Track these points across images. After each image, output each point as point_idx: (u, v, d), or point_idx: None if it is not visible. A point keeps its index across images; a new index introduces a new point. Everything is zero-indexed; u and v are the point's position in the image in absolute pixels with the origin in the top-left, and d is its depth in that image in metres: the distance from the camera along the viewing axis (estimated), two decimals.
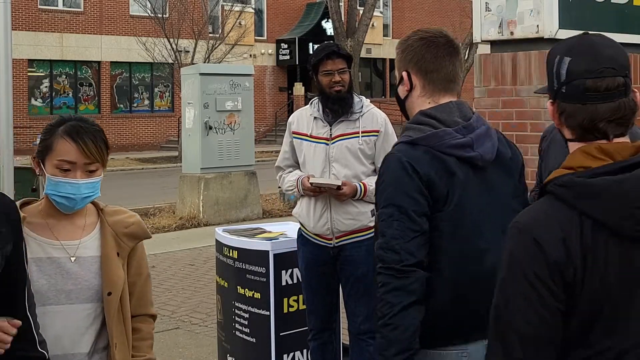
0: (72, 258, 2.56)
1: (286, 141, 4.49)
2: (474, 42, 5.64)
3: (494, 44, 5.21)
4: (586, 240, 1.71)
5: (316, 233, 4.29)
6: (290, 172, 4.42)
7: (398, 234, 2.36)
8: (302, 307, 4.63)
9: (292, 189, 4.35)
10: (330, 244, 4.27)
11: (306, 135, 4.35)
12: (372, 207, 4.15)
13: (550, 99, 1.87)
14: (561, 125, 1.88)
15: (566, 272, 1.71)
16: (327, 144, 4.28)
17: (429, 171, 2.38)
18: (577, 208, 1.73)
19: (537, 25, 4.88)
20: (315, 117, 4.33)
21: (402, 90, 2.58)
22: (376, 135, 4.25)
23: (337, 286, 4.41)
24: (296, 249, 4.52)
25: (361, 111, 4.28)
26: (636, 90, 1.86)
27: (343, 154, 4.24)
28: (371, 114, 4.29)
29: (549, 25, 4.85)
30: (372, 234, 4.07)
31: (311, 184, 4.17)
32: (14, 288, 2.25)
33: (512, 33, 5.01)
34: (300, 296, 4.62)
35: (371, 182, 4.13)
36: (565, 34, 4.91)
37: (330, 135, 4.28)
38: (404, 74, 2.55)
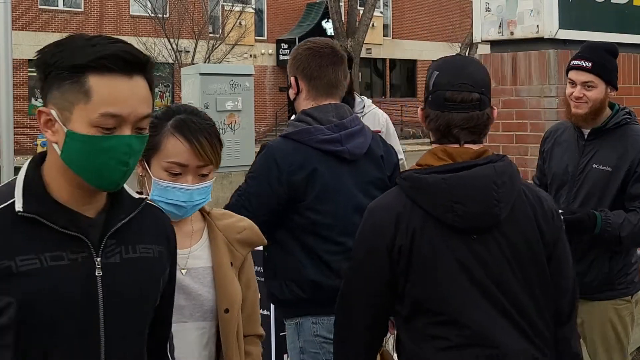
0: (182, 270, 2.18)
1: None
2: (474, 42, 5.64)
3: (494, 44, 5.21)
4: (415, 224, 2.06)
5: None
6: None
7: (265, 212, 2.82)
8: None
9: None
10: None
11: None
12: None
13: (421, 107, 2.21)
14: (428, 129, 2.18)
15: (393, 250, 2.07)
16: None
17: (292, 164, 2.78)
18: (410, 197, 2.08)
19: (537, 26, 4.88)
20: None
21: (291, 93, 2.99)
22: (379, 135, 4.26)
23: None
24: None
25: (362, 112, 4.26)
26: (495, 107, 2.17)
27: None
28: (373, 115, 4.28)
29: (549, 25, 4.85)
30: None
31: None
32: (168, 309, 1.89)
33: (512, 33, 5.01)
34: None
35: None
36: (565, 34, 4.92)
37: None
38: (292, 79, 2.96)
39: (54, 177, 1.63)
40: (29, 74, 28.87)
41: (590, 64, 3.36)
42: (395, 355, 2.39)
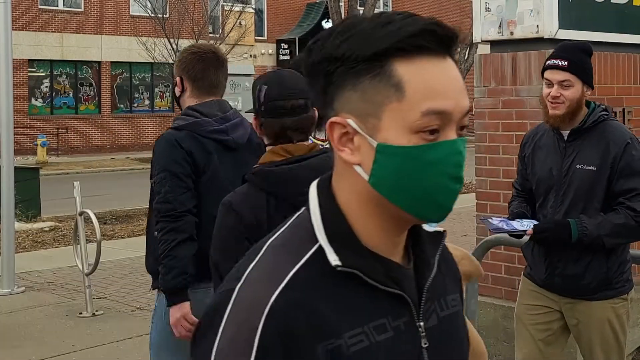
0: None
1: None
2: (474, 42, 5.63)
3: (494, 44, 5.21)
4: (270, 211, 2.41)
5: None
6: None
7: (170, 190, 3.09)
8: None
9: None
10: None
11: (316, 138, 4.45)
12: None
13: (255, 116, 2.55)
14: (262, 134, 2.55)
15: (256, 233, 2.30)
16: (322, 146, 4.34)
17: (190, 147, 3.12)
18: (264, 189, 2.43)
19: (537, 26, 4.88)
20: None
21: (177, 91, 3.36)
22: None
23: None
24: None
25: None
26: (316, 108, 2.29)
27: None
28: None
29: (549, 25, 4.85)
30: None
31: None
32: None
33: (512, 33, 5.01)
34: None
35: None
36: (565, 34, 4.91)
37: (325, 137, 4.31)
38: (178, 79, 3.33)
39: (360, 214, 1.20)
40: (29, 74, 28.87)
41: (566, 63, 3.35)
42: None
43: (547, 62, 3.40)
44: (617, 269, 3.42)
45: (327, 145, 4.50)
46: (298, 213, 1.26)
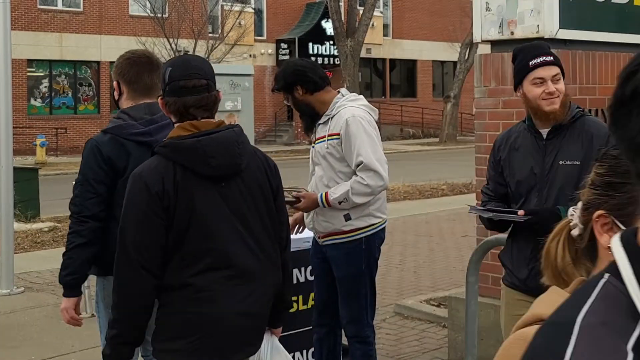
0: None
1: None
2: (474, 42, 5.62)
3: (494, 44, 5.19)
4: (177, 179, 2.67)
5: (309, 229, 4.42)
6: None
7: (79, 194, 3.39)
8: (302, 307, 4.62)
9: None
10: (320, 242, 4.33)
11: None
12: (346, 211, 4.16)
13: (160, 96, 2.79)
14: (168, 113, 2.80)
15: (164, 199, 2.66)
16: (313, 148, 4.35)
17: (110, 151, 3.39)
18: (171, 159, 2.69)
19: (538, 25, 4.86)
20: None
21: (116, 94, 3.65)
22: (338, 139, 4.14)
23: (334, 284, 4.42)
24: (296, 249, 4.53)
25: (331, 113, 4.21)
26: (220, 90, 2.84)
27: (317, 157, 4.27)
28: (338, 116, 4.16)
29: (550, 25, 4.83)
30: (351, 238, 4.08)
31: None
32: None
33: (512, 33, 4.99)
34: (301, 297, 4.63)
35: (335, 190, 4.12)
36: (566, 34, 4.90)
37: (315, 138, 4.34)
38: (115, 83, 3.62)
39: None
40: (27, 74, 28.85)
41: (552, 58, 3.40)
42: None
43: (534, 62, 3.38)
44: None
45: (321, 143, 4.43)
46: (601, 282, 1.03)
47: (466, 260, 4.83)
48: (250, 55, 32.84)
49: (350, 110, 4.15)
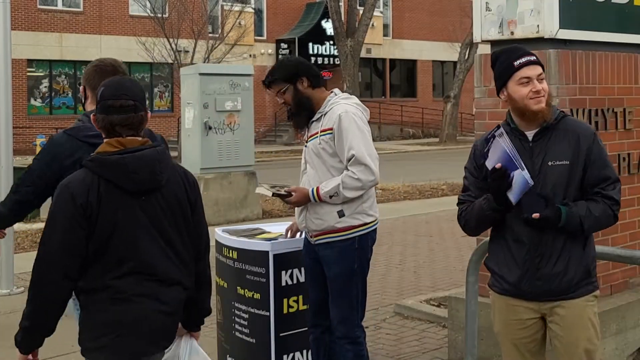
0: None
1: None
2: (474, 42, 5.61)
3: (494, 44, 5.19)
4: (101, 192, 2.92)
5: (301, 229, 4.42)
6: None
7: (22, 178, 3.84)
8: (302, 307, 4.62)
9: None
10: (312, 241, 4.32)
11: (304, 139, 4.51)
12: (339, 207, 4.17)
13: (93, 113, 3.08)
14: (98, 129, 3.07)
15: (87, 210, 2.92)
16: (306, 146, 4.36)
17: (64, 151, 3.73)
18: (97, 173, 2.94)
19: (538, 25, 4.86)
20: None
21: (82, 97, 4.03)
22: (331, 133, 4.18)
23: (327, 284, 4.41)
24: (296, 249, 4.54)
25: (324, 110, 4.25)
26: (147, 109, 3.10)
27: (310, 155, 4.29)
28: (331, 112, 4.22)
29: (550, 25, 4.83)
30: (344, 236, 4.08)
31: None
32: None
33: (512, 33, 4.99)
34: (301, 297, 4.62)
35: (326, 185, 4.15)
36: (566, 34, 4.90)
37: (307, 136, 4.35)
38: (82, 88, 4.01)
39: None
40: (27, 74, 28.85)
41: (535, 57, 3.40)
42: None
43: (519, 62, 3.38)
44: (592, 260, 3.43)
45: (314, 140, 4.38)
46: None
47: (466, 260, 4.82)
48: (250, 55, 32.84)
49: (343, 106, 4.22)
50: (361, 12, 27.80)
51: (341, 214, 4.17)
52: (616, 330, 4.88)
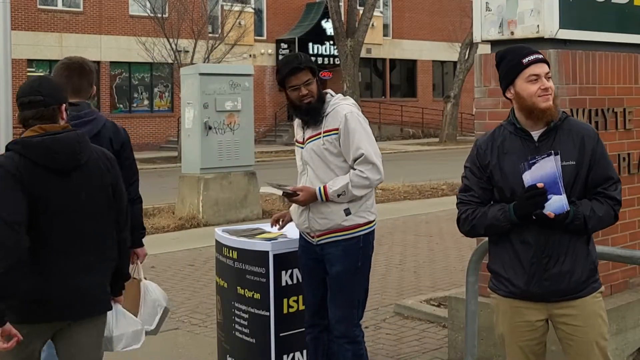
0: None
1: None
2: (474, 42, 5.62)
3: (494, 44, 5.19)
4: (28, 171, 3.25)
5: (302, 230, 4.39)
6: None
7: None
8: (302, 307, 4.62)
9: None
10: (314, 241, 4.31)
11: (296, 141, 4.48)
12: (346, 206, 4.19)
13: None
14: (18, 122, 3.46)
15: (19, 178, 3.23)
16: (302, 147, 4.35)
17: None
18: (22, 154, 3.27)
19: (538, 25, 4.86)
20: (299, 123, 4.43)
21: None
22: (337, 134, 4.20)
23: (326, 284, 4.41)
24: (296, 249, 4.53)
25: (325, 110, 4.26)
26: (64, 103, 3.48)
27: (311, 156, 4.29)
28: (335, 112, 4.24)
29: (550, 25, 4.83)
30: (350, 235, 4.08)
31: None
32: None
33: (512, 33, 4.99)
34: (300, 296, 4.62)
35: (334, 183, 4.17)
36: (566, 34, 4.90)
37: (304, 138, 4.34)
38: None
39: None
40: (28, 73, 28.84)
41: (542, 56, 3.40)
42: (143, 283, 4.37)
43: (527, 59, 3.37)
44: (596, 258, 3.46)
45: (316, 140, 4.32)
46: None
47: (466, 260, 4.83)
48: (250, 55, 32.83)
49: (346, 107, 4.27)
50: (361, 12, 27.80)
51: (347, 212, 4.20)
52: (616, 330, 4.88)
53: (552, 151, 3.27)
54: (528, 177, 3.26)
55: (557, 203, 3.23)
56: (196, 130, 12.34)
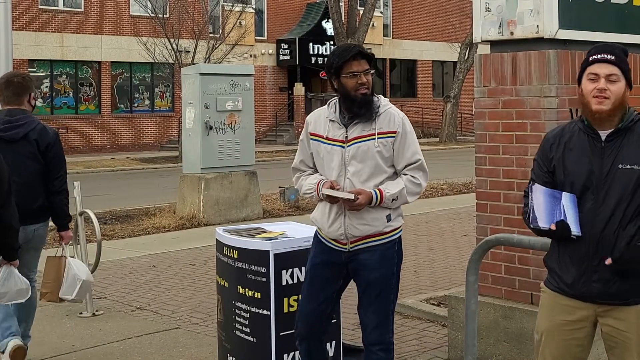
0: None
1: (303, 142, 4.28)
2: (473, 42, 5.63)
3: (494, 44, 5.20)
4: None
5: (332, 238, 4.14)
6: (310, 174, 4.25)
7: None
8: None
9: (311, 193, 4.16)
10: (345, 248, 4.11)
11: (322, 137, 4.13)
12: (388, 212, 4.05)
13: None
14: None
15: None
16: (343, 147, 4.06)
17: None
18: None
19: (537, 25, 4.88)
20: (331, 120, 4.12)
21: None
22: (393, 137, 4.06)
23: (338, 296, 4.32)
24: (296, 248, 4.52)
25: (377, 111, 4.08)
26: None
27: (359, 157, 4.04)
28: (388, 114, 4.08)
29: (549, 25, 4.84)
30: (386, 239, 4.01)
31: (326, 195, 4.03)
32: None
33: (512, 33, 5.01)
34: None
35: (389, 188, 4.01)
36: (565, 34, 4.91)
37: (346, 137, 4.08)
38: None
39: None
40: (29, 73, 28.84)
41: (613, 57, 3.29)
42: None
43: (593, 57, 3.32)
44: None
45: (368, 141, 4.15)
46: None
47: (466, 260, 4.84)
48: (250, 56, 32.83)
49: (399, 111, 4.16)
50: (361, 12, 27.81)
51: (389, 218, 4.07)
52: None
53: (530, 186, 3.36)
54: (542, 225, 3.30)
55: (568, 201, 3.26)
56: (197, 130, 12.36)
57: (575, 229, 3.25)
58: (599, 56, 3.31)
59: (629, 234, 3.23)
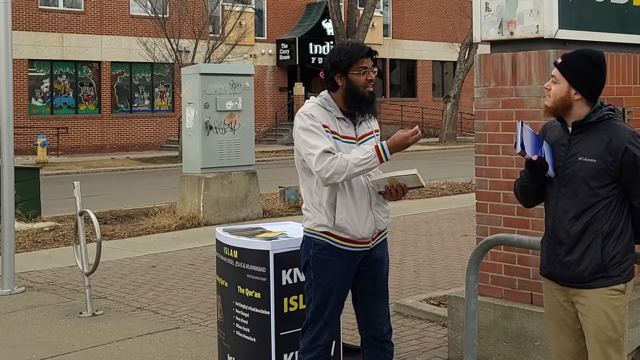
0: None
1: (318, 130, 3.95)
2: (473, 42, 5.63)
3: (494, 44, 5.21)
4: None
5: (363, 237, 4.02)
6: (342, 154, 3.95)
7: None
8: (302, 306, 4.62)
9: (368, 159, 3.88)
10: (368, 246, 4.07)
11: (337, 134, 4.01)
12: (389, 203, 4.15)
13: None
14: None
15: None
16: (356, 144, 4.03)
17: None
18: None
19: (537, 26, 4.88)
20: (338, 117, 4.03)
21: None
22: (379, 135, 4.25)
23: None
24: (296, 248, 4.50)
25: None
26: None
27: None
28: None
29: (549, 25, 4.85)
30: (387, 233, 4.19)
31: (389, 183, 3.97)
32: None
33: (512, 33, 5.01)
34: (301, 296, 4.62)
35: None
36: (565, 34, 4.91)
37: (357, 135, 4.08)
38: None
39: None
40: (29, 73, 28.85)
41: (560, 61, 3.56)
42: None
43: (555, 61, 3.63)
44: (614, 256, 3.47)
45: (372, 138, 4.15)
46: None
47: (466, 260, 4.84)
48: (250, 56, 32.83)
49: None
50: (361, 12, 27.80)
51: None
52: None
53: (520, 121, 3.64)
54: (526, 153, 3.54)
55: (547, 149, 3.58)
56: (197, 130, 12.36)
57: (550, 171, 3.54)
58: (558, 60, 3.62)
59: (582, 222, 3.49)
